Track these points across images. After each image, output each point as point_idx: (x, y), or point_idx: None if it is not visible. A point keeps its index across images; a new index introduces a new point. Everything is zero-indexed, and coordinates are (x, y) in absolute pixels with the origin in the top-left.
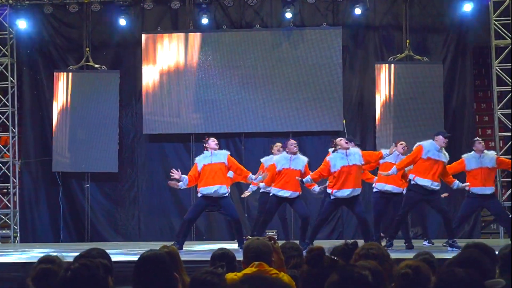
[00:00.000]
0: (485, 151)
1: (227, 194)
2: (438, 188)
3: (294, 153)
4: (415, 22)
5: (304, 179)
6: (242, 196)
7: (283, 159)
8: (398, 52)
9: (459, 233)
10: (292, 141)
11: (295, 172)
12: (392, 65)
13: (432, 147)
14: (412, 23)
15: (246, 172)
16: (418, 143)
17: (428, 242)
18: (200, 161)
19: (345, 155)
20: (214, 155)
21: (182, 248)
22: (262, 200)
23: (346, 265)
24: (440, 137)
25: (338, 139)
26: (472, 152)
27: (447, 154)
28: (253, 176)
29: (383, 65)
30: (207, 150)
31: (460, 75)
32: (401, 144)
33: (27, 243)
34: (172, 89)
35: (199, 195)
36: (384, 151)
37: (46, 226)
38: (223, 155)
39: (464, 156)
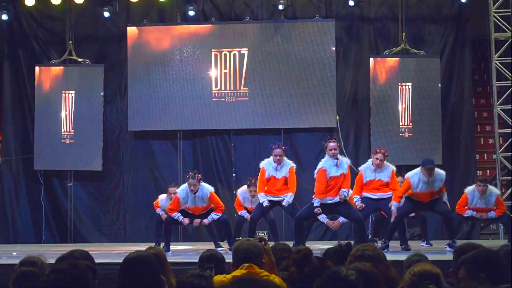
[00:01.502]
0: (489, 187)
1: None
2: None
3: (279, 163)
4: (411, 13)
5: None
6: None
7: (270, 166)
8: (394, 45)
9: (458, 234)
10: (277, 151)
11: (280, 180)
12: (388, 59)
13: (418, 180)
14: (408, 14)
15: (218, 210)
16: (406, 175)
17: (426, 243)
18: (184, 200)
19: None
20: (197, 198)
21: (169, 250)
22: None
23: (332, 268)
24: (423, 169)
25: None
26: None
27: (441, 174)
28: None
29: (378, 58)
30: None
31: (458, 69)
32: (377, 158)
33: (8, 244)
34: (159, 84)
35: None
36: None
37: (28, 226)
38: (205, 198)
39: (467, 191)
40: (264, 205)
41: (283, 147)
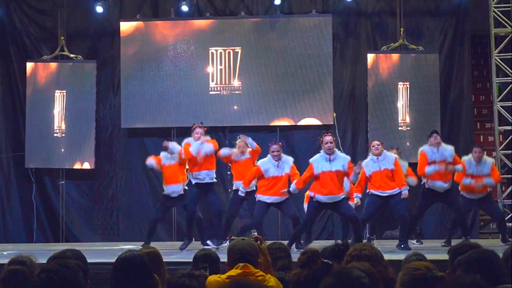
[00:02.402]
0: (485, 156)
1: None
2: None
3: (279, 158)
4: (409, 8)
5: (290, 189)
6: None
7: (270, 164)
8: (391, 40)
9: (457, 233)
10: (274, 147)
11: (283, 178)
12: (386, 55)
13: (430, 150)
14: (407, 9)
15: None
16: (420, 149)
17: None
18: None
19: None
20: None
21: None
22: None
23: (342, 268)
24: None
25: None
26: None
27: (448, 149)
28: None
29: (376, 54)
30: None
31: (457, 65)
32: (373, 146)
33: None
34: (152, 80)
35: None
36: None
37: (19, 225)
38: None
39: (464, 158)
40: (239, 194)
41: (280, 144)
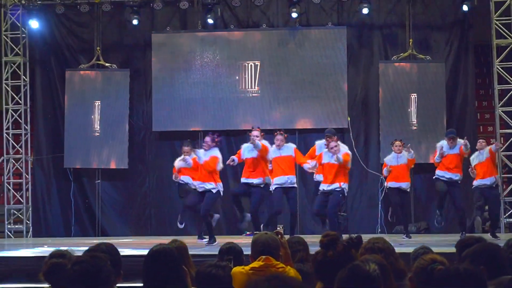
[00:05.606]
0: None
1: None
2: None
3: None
4: (418, 20)
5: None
6: None
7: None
8: (401, 50)
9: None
10: (254, 132)
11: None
12: (396, 64)
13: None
14: (416, 22)
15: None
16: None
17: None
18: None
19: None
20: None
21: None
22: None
23: (356, 261)
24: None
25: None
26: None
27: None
28: None
29: (387, 63)
30: None
31: (462, 73)
32: (395, 146)
33: (40, 237)
34: (181, 87)
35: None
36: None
37: (58, 221)
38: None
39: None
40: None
41: (258, 128)
